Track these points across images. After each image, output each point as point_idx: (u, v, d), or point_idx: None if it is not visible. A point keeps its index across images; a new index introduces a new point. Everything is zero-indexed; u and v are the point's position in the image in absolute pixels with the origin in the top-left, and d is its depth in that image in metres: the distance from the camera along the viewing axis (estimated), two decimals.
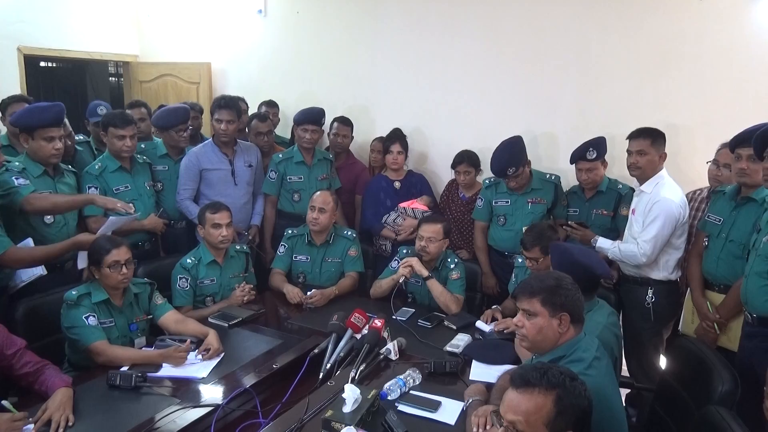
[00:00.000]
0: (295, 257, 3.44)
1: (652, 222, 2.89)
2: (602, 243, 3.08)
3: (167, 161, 3.68)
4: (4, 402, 1.95)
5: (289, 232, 3.49)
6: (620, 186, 3.33)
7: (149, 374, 2.24)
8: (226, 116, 3.61)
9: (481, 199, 3.59)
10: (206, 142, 3.78)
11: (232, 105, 3.69)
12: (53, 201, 2.89)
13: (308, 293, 3.13)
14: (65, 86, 7.18)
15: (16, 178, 2.76)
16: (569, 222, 3.26)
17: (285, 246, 3.45)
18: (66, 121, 3.23)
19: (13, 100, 3.49)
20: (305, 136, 3.81)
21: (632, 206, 3.08)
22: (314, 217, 3.32)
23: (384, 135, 4.18)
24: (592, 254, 2.52)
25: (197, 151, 3.67)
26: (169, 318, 2.69)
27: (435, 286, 3.04)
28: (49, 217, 2.89)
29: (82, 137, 3.75)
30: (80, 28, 5.19)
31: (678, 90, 3.53)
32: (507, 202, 3.49)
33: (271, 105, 4.56)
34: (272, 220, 3.91)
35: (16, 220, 2.78)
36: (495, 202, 3.53)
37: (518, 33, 3.95)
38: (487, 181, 3.60)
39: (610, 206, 3.32)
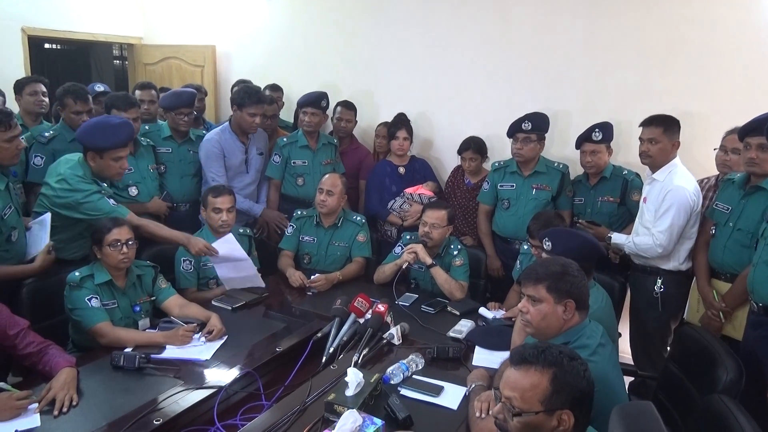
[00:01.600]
0: (302, 238, 3.44)
1: (666, 212, 2.83)
2: (617, 238, 3.05)
3: (171, 143, 3.65)
4: (1, 384, 1.95)
5: (298, 213, 3.49)
6: (625, 172, 3.29)
7: (153, 355, 2.24)
8: (261, 110, 3.65)
9: (488, 183, 3.58)
10: (224, 127, 3.72)
11: (266, 99, 3.77)
12: (155, 232, 2.87)
13: (312, 277, 3.13)
14: (69, 68, 7.16)
15: (109, 198, 2.76)
16: (580, 220, 3.24)
17: (293, 226, 3.46)
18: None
19: (28, 81, 3.47)
20: (305, 118, 3.82)
21: (644, 194, 3.03)
22: (322, 199, 3.33)
23: (389, 120, 4.15)
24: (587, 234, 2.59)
25: (218, 138, 3.64)
26: (173, 302, 2.68)
27: (439, 274, 3.03)
28: None
29: None
30: (85, 10, 5.17)
31: (686, 77, 3.47)
32: (512, 186, 3.47)
33: (275, 89, 4.52)
34: (276, 204, 3.91)
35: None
36: (500, 186, 3.51)
37: (525, 18, 3.90)
38: (496, 164, 3.57)
39: (616, 193, 3.29)
